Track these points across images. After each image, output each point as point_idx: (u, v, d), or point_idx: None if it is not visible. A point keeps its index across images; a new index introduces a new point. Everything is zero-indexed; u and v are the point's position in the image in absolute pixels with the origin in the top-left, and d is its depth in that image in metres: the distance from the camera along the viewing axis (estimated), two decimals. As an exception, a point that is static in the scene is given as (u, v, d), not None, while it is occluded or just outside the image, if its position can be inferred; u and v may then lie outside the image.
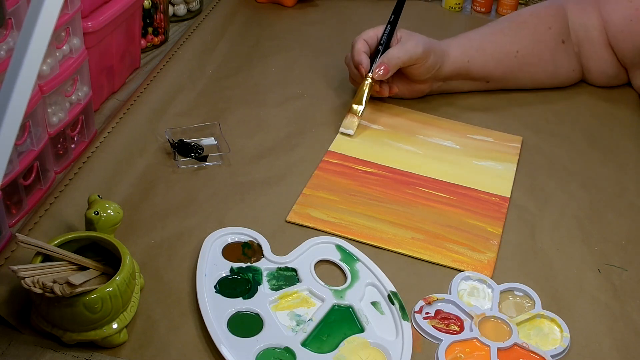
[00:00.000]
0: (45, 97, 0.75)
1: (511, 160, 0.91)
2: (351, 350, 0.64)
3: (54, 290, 0.57)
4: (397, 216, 0.80)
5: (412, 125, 0.96)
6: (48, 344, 0.63)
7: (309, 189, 0.83)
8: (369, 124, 0.95)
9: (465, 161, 0.90)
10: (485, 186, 0.86)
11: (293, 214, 0.79)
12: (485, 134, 0.96)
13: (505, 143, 0.94)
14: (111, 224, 0.67)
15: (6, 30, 0.68)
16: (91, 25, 0.85)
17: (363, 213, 0.80)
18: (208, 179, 0.84)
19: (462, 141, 0.94)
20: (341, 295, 0.70)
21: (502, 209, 0.83)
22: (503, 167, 0.90)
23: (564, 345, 0.66)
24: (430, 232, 0.78)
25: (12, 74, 0.42)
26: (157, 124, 0.91)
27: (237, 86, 1.03)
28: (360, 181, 0.85)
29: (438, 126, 0.97)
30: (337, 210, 0.80)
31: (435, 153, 0.91)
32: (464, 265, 0.75)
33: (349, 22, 1.23)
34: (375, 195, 0.83)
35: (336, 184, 0.84)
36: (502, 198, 0.84)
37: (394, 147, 0.92)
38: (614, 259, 0.77)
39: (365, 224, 0.79)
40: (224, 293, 0.69)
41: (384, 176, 0.86)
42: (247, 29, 1.18)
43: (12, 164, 0.71)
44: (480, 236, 0.79)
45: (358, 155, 0.89)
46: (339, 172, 0.86)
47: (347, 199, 0.82)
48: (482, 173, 0.88)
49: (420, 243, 0.77)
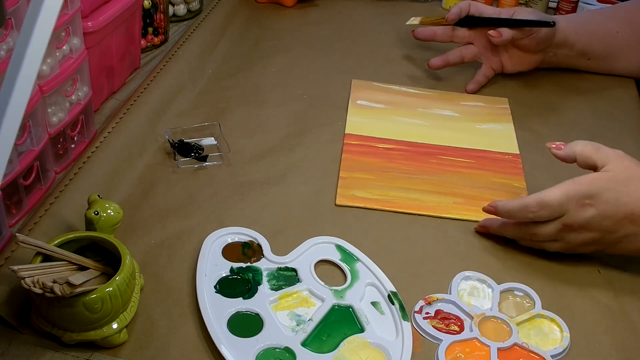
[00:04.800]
0: (45, 97, 0.75)
1: (507, 121, 0.98)
2: (351, 350, 0.64)
3: (54, 290, 0.57)
4: (433, 185, 0.85)
5: (408, 101, 1.01)
6: (48, 344, 0.63)
7: (344, 171, 0.86)
8: (370, 104, 1.00)
9: (468, 127, 0.97)
10: (496, 146, 0.93)
11: (341, 197, 0.82)
12: (476, 100, 1.03)
13: (495, 106, 1.02)
14: (111, 224, 0.67)
15: (6, 30, 0.68)
16: (91, 25, 0.85)
17: (401, 187, 0.85)
18: (208, 179, 0.84)
19: (458, 109, 1.00)
20: (341, 295, 0.70)
21: (518, 165, 0.90)
22: (503, 127, 0.97)
23: (564, 345, 0.66)
24: (467, 195, 0.84)
25: (12, 74, 0.42)
26: (157, 124, 0.91)
27: (237, 86, 1.03)
28: (386, 158, 0.89)
29: (432, 98, 1.02)
30: (377, 188, 0.84)
31: (439, 122, 0.97)
32: None
33: (349, 22, 1.23)
34: (405, 169, 0.88)
35: (366, 164, 0.88)
36: (514, 155, 0.92)
37: (400, 121, 0.97)
38: (614, 259, 0.77)
39: (409, 197, 0.83)
40: (224, 293, 0.69)
41: (404, 150, 0.91)
42: (247, 29, 1.18)
43: (12, 164, 0.71)
44: (510, 192, 0.85)
45: (373, 134, 0.93)
46: (363, 152, 0.90)
47: (382, 176, 0.86)
48: (487, 135, 0.95)
49: (462, 206, 0.82)
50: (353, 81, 1.04)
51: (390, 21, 1.23)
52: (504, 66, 1.05)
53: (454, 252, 0.77)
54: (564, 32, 1.02)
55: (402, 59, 1.13)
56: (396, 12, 1.27)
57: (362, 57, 1.13)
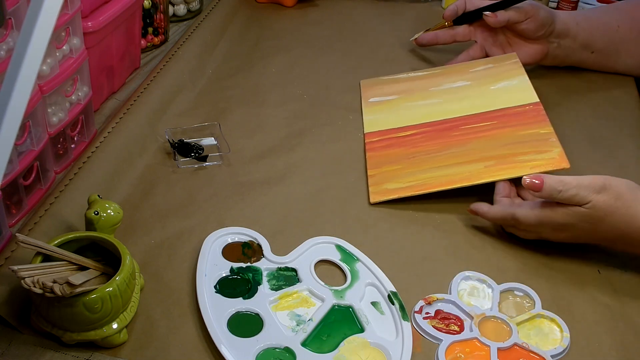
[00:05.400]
0: (45, 97, 0.75)
1: (520, 74, 0.96)
2: (351, 350, 0.64)
3: (54, 290, 0.57)
4: (461, 156, 0.84)
5: (419, 84, 1.00)
6: (48, 344, 0.63)
7: (372, 169, 0.86)
8: (382, 98, 0.99)
9: (483, 91, 0.95)
10: (514, 101, 0.91)
11: (374, 195, 0.82)
12: (485, 63, 1.01)
13: (505, 63, 0.99)
14: (111, 224, 0.67)
15: (6, 30, 0.68)
16: (91, 25, 0.85)
17: (430, 167, 0.84)
18: (208, 179, 0.84)
19: (468, 77, 0.99)
20: (341, 295, 0.70)
21: (541, 112, 0.88)
22: (517, 81, 0.94)
23: (564, 345, 0.66)
24: (497, 155, 0.83)
25: (12, 74, 0.42)
26: (157, 124, 0.91)
27: (237, 86, 1.03)
28: (409, 145, 0.88)
29: (442, 75, 1.01)
30: (407, 175, 0.83)
31: (453, 96, 0.95)
32: (543, 167, 0.79)
33: (349, 22, 1.23)
34: (430, 149, 0.86)
35: (391, 156, 0.87)
36: (535, 104, 0.89)
37: (417, 106, 0.95)
38: (614, 259, 0.77)
39: (440, 174, 0.83)
40: (224, 293, 0.69)
41: (426, 132, 0.90)
42: (247, 29, 1.18)
43: (12, 164, 0.71)
44: (539, 140, 0.83)
45: (392, 125, 0.92)
46: (386, 145, 0.89)
47: (409, 163, 0.85)
48: (504, 92, 0.93)
49: (495, 167, 0.81)
50: (362, 82, 1.04)
51: (390, 21, 1.23)
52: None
53: (454, 252, 0.77)
54: (565, 22, 1.03)
55: (402, 58, 1.13)
56: (396, 12, 1.27)
57: (362, 57, 1.13)
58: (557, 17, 1.02)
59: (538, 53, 1.04)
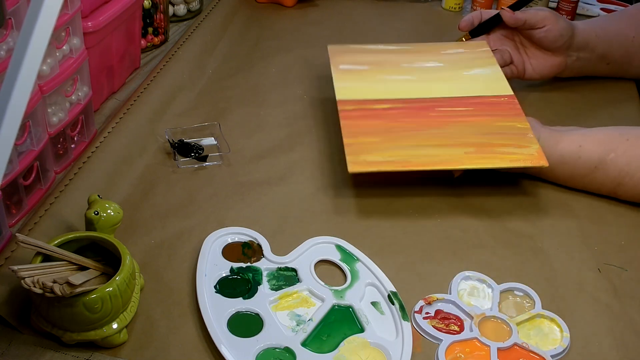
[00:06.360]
0: (45, 97, 0.75)
1: (492, 63, 0.96)
2: (351, 350, 0.64)
3: (54, 290, 0.57)
4: (440, 138, 0.83)
5: (390, 58, 0.98)
6: (48, 344, 0.63)
7: (348, 137, 0.83)
8: (353, 67, 0.96)
9: (457, 75, 0.95)
10: (490, 90, 0.91)
11: (353, 165, 0.80)
12: (455, 47, 1.01)
13: (477, 50, 0.99)
14: (111, 224, 0.67)
15: (6, 30, 0.68)
16: (91, 25, 0.85)
17: (410, 145, 0.82)
18: (208, 179, 0.84)
19: (440, 59, 0.98)
20: (341, 295, 0.70)
21: (516, 106, 0.88)
22: (490, 71, 0.95)
23: (564, 345, 0.66)
24: (476, 143, 0.82)
25: (12, 74, 0.42)
26: (157, 124, 0.91)
27: (237, 86, 1.03)
28: (386, 118, 0.87)
29: (412, 52, 1.00)
30: (386, 150, 0.82)
31: (426, 75, 0.95)
32: (522, 161, 0.80)
33: (349, 22, 1.23)
34: (408, 126, 0.85)
35: (368, 127, 0.85)
36: (510, 97, 0.90)
37: (389, 80, 0.94)
38: (614, 259, 0.77)
39: (420, 153, 0.81)
40: (224, 293, 0.69)
41: (402, 108, 0.88)
42: (247, 29, 1.18)
43: (12, 164, 0.71)
44: (517, 134, 0.83)
45: (366, 96, 0.90)
46: (361, 115, 0.87)
47: (388, 138, 0.83)
48: (478, 80, 0.93)
49: (475, 155, 0.81)
50: (329, 47, 1.00)
51: (390, 21, 1.23)
52: (526, 70, 1.03)
53: (454, 252, 0.77)
54: (585, 35, 1.02)
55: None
56: (396, 12, 1.27)
57: (362, 57, 1.12)
58: (576, 30, 1.01)
59: (556, 65, 1.03)
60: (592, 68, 1.07)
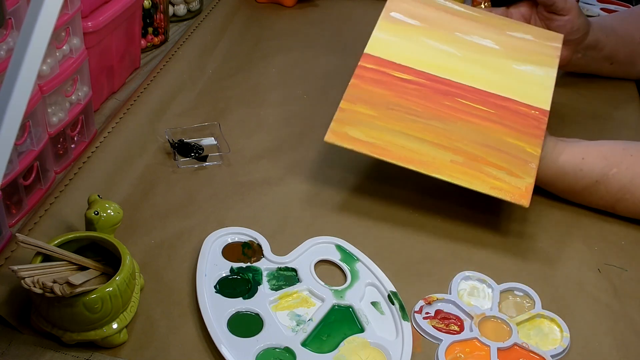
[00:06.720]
0: (45, 97, 0.75)
1: (551, 64, 0.87)
2: (351, 350, 0.64)
3: (54, 290, 0.57)
4: (436, 134, 0.78)
5: (448, 20, 0.90)
6: (48, 344, 0.63)
7: (347, 102, 0.79)
8: (404, 18, 0.89)
9: (504, 65, 0.86)
10: (526, 97, 0.83)
11: (331, 134, 0.76)
12: (525, 31, 0.91)
13: (545, 42, 0.90)
14: (111, 224, 0.67)
15: (6, 30, 0.68)
16: (91, 25, 0.85)
17: (402, 131, 0.77)
18: (208, 179, 0.84)
19: (501, 40, 0.89)
20: (341, 295, 0.70)
21: (542, 125, 0.80)
22: (543, 73, 0.86)
23: (564, 345, 0.66)
24: (469, 153, 0.77)
25: (12, 74, 0.42)
26: (157, 124, 0.91)
27: (237, 86, 1.03)
28: (398, 91, 0.81)
29: (475, 21, 0.91)
30: (375, 128, 0.77)
31: (473, 55, 0.87)
32: (502, 192, 0.74)
33: (349, 22, 1.23)
34: (413, 108, 0.80)
35: (374, 95, 0.80)
36: (542, 112, 0.81)
37: (431, 47, 0.86)
38: (614, 259, 0.77)
39: (404, 145, 0.76)
40: (224, 293, 0.69)
41: (422, 84, 0.82)
42: (247, 29, 1.18)
43: (12, 164, 0.71)
44: (519, 158, 0.77)
45: (394, 59, 0.84)
46: (376, 80, 0.82)
47: (385, 114, 0.78)
48: (522, 80, 0.85)
49: (459, 167, 0.76)
50: None
51: (390, 21, 1.23)
52: None
53: (454, 252, 0.77)
54: (597, 34, 1.01)
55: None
56: (396, 12, 1.27)
57: (362, 57, 1.12)
58: (591, 29, 0.99)
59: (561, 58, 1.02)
60: (595, 67, 1.07)
